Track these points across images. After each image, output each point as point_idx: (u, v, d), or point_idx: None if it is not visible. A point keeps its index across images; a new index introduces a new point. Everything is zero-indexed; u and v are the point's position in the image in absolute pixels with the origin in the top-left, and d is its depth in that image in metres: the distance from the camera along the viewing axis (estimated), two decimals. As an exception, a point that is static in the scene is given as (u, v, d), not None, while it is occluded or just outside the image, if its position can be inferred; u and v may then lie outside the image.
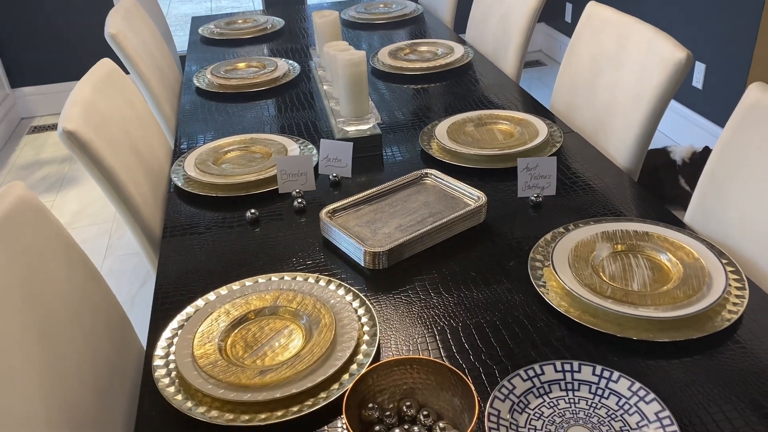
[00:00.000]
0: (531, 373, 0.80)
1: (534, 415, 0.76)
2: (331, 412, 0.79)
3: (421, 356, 0.76)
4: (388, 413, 0.74)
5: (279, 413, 0.77)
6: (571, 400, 0.77)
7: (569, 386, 0.79)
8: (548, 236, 1.07)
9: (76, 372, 0.87)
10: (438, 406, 0.75)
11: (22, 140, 3.43)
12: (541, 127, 1.42)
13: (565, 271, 0.97)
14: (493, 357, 0.86)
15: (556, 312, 0.92)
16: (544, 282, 0.97)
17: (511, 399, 0.77)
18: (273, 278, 1.00)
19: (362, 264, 1.03)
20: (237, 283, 1.00)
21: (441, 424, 0.72)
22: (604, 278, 0.96)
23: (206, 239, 1.15)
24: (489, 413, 0.74)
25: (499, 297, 0.97)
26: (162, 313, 0.97)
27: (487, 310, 0.94)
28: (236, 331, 0.90)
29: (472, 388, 0.70)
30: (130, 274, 2.32)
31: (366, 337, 0.88)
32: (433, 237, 1.07)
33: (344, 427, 0.77)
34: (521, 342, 0.88)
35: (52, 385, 0.81)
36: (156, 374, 0.84)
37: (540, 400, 0.78)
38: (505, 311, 0.94)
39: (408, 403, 0.75)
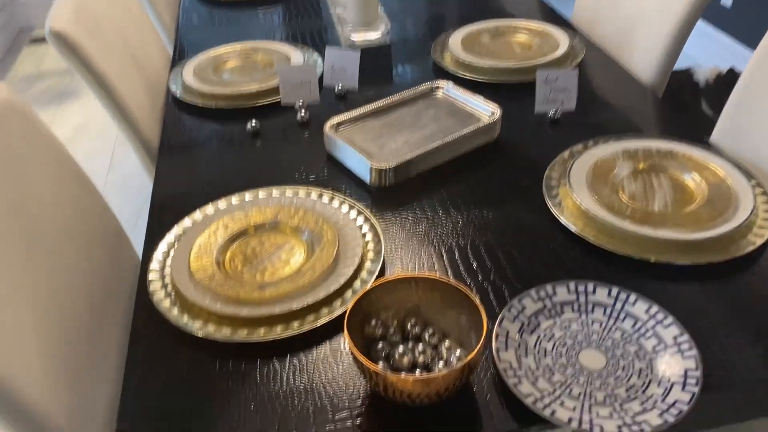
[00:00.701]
0: (543, 293, 0.76)
1: (544, 336, 0.72)
2: (332, 329, 0.76)
3: (426, 273, 0.72)
4: (392, 331, 0.71)
5: (279, 329, 0.74)
6: (584, 323, 0.74)
7: (583, 308, 0.75)
8: (566, 154, 1.01)
9: (67, 286, 0.84)
10: (444, 325, 0.72)
11: (21, 52, 3.33)
12: (562, 39, 1.33)
13: (583, 191, 0.92)
14: (502, 277, 0.82)
15: (570, 233, 0.87)
16: (560, 201, 0.92)
17: (521, 319, 0.73)
18: (274, 193, 0.96)
19: (368, 181, 0.98)
20: (236, 196, 0.95)
21: (447, 343, 0.69)
22: (624, 198, 0.91)
23: (205, 152, 1.10)
24: (497, 333, 0.71)
25: (511, 216, 0.92)
26: (158, 226, 0.93)
27: (497, 230, 0.89)
28: (235, 245, 0.87)
29: (479, 305, 0.67)
30: (134, 190, 2.29)
31: (370, 255, 0.84)
32: (443, 154, 1.01)
33: (346, 344, 0.74)
34: (533, 262, 0.84)
35: (42, 300, 0.78)
36: (151, 288, 0.80)
37: (551, 321, 0.74)
38: (517, 231, 0.89)
39: (413, 321, 0.72)
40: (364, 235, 0.87)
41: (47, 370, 0.72)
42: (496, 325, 0.72)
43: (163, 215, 0.95)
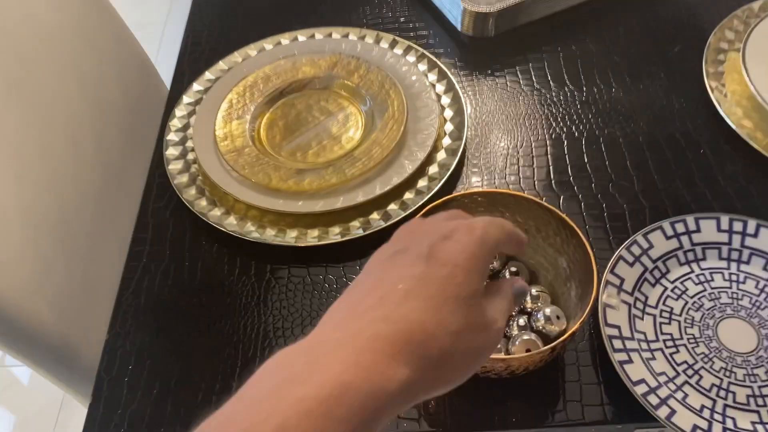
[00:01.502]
0: (680, 227, 0.54)
1: (672, 291, 0.52)
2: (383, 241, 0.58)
3: (514, 192, 0.51)
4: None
5: (314, 234, 0.57)
6: (734, 279, 0.53)
7: (735, 256, 0.53)
8: (743, 12, 0.71)
9: (66, 136, 0.68)
10: (534, 261, 0.52)
11: None
12: None
13: (763, 70, 0.64)
14: (624, 192, 0.60)
15: (732, 133, 0.62)
16: (723, 84, 0.66)
17: (643, 263, 0.53)
18: (334, 34, 0.73)
19: (459, 28, 0.73)
20: (286, 35, 0.74)
21: (534, 291, 0.50)
22: (822, 90, 0.63)
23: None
24: (606, 280, 0.51)
25: (650, 100, 0.67)
26: (190, 65, 0.74)
27: (627, 118, 0.65)
28: (276, 106, 0.67)
29: (588, 245, 0.47)
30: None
31: (447, 141, 0.63)
32: (566, -4, 0.74)
33: (400, 264, 0.56)
34: (671, 175, 0.60)
35: (31, 149, 0.63)
36: (167, 153, 0.64)
37: (685, 269, 0.53)
38: (655, 122, 0.65)
39: (491, 253, 0.52)
40: (442, 108, 0.66)
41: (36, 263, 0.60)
42: (607, 270, 0.52)
43: (196, 51, 0.75)
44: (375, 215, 0.58)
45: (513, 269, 0.52)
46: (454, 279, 0.29)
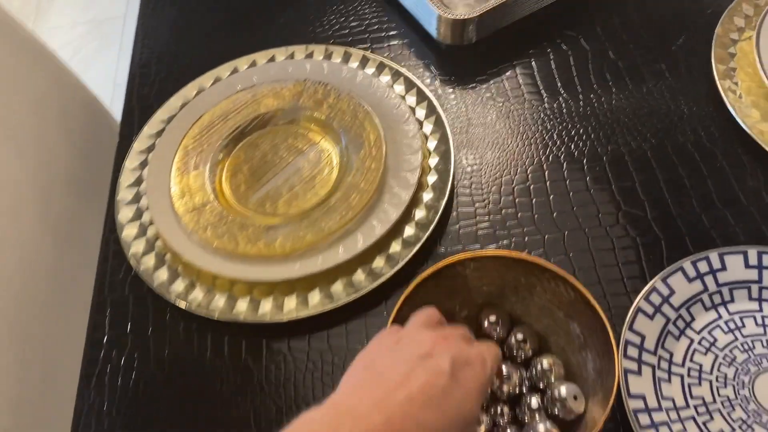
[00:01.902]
0: (703, 267, 0.48)
1: (700, 344, 0.46)
2: (370, 305, 0.52)
3: (511, 253, 0.45)
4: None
5: (292, 303, 0.51)
6: (767, 322, 0.47)
7: (766, 295, 0.47)
8: (752, -8, 0.64)
9: (2, 202, 0.61)
10: (543, 325, 0.46)
11: None
12: None
13: (780, 67, 0.57)
14: (635, 222, 0.53)
15: (751, 140, 0.55)
16: (737, 83, 0.58)
17: (665, 313, 0.47)
18: (297, 54, 0.65)
19: (435, 35, 0.65)
20: (243, 60, 0.65)
21: (545, 363, 0.44)
22: None
23: (206, -25, 0.77)
24: (626, 341, 0.45)
25: (655, 104, 0.59)
26: (139, 101, 0.66)
27: (631, 130, 0.58)
28: (238, 148, 0.60)
29: (603, 315, 0.41)
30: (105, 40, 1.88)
31: (432, 178, 0.56)
32: (553, -12, 0.65)
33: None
34: (685, 194, 0.54)
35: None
36: (119, 216, 0.57)
37: (711, 315, 0.47)
38: (662, 133, 0.58)
39: (492, 318, 0.46)
40: (425, 138, 0.58)
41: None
42: (625, 328, 0.46)
43: (144, 88, 0.67)
44: (360, 274, 0.52)
45: (519, 337, 0.45)
46: (467, 404, 0.34)
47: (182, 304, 0.51)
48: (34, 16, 2.00)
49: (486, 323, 0.46)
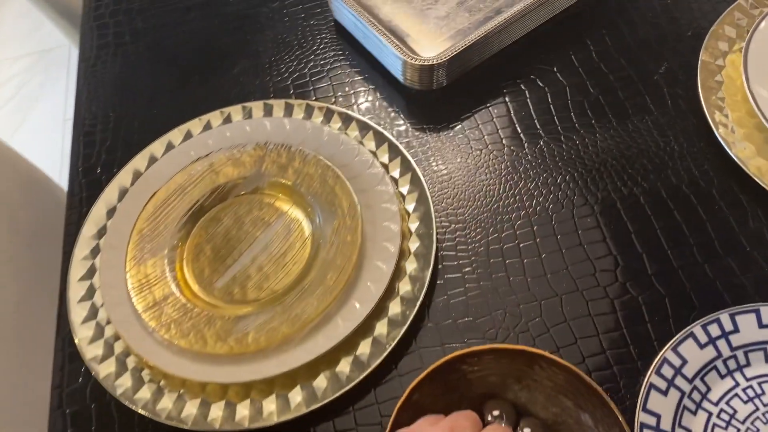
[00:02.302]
0: (714, 330, 0.44)
1: (719, 418, 0.43)
2: (358, 398, 0.47)
3: (518, 347, 0.41)
4: (459, 423, 0.42)
5: (272, 405, 0.46)
6: (788, 386, 0.43)
7: (783, 355, 0.44)
8: (738, 14, 0.60)
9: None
10: (551, 414, 0.42)
11: None
12: None
13: (771, 96, 0.54)
14: (636, 280, 0.49)
15: (746, 176, 0.52)
16: (727, 115, 0.55)
17: (679, 386, 0.43)
18: (255, 112, 0.60)
19: (402, 80, 0.60)
20: (197, 122, 0.60)
21: (558, 461, 0.40)
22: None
23: (144, 27, 0.71)
24: (642, 425, 0.41)
25: (642, 143, 0.56)
26: (85, 174, 0.60)
27: (620, 173, 0.54)
28: (198, 226, 0.54)
29: (613, 406, 0.37)
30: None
31: (414, 244, 0.51)
32: (524, 22, 0.61)
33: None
34: (685, 243, 0.50)
35: None
36: (72, 317, 0.51)
37: (728, 383, 0.44)
38: (653, 174, 0.54)
39: (496, 413, 0.42)
40: (402, 198, 0.54)
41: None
42: (638, 408, 0.42)
43: (88, 161, 0.61)
44: (344, 364, 0.47)
45: (527, 431, 0.41)
46: None
47: (151, 416, 0.46)
48: (-27, 51, 1.90)
49: (489, 417, 0.42)
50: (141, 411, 0.46)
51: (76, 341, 0.50)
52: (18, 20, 1.94)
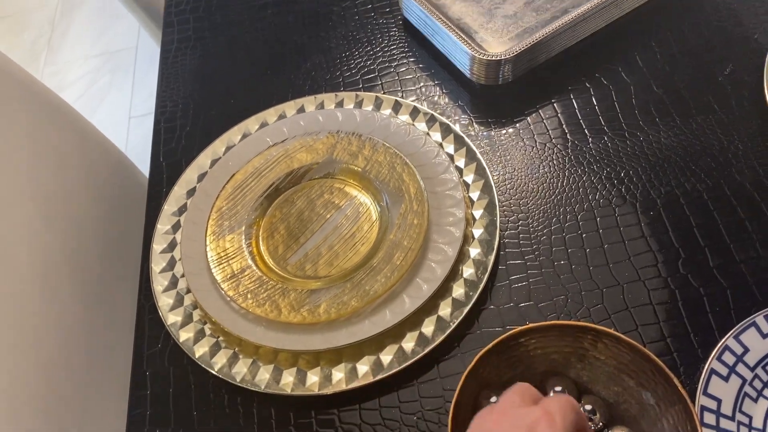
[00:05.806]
0: (777, 320, 0.45)
1: (781, 406, 0.43)
2: (422, 371, 0.49)
3: (569, 323, 0.42)
4: (522, 398, 0.44)
5: (340, 373, 0.48)
6: None
7: None
8: (800, 16, 0.61)
9: (32, 271, 0.59)
10: (611, 393, 0.43)
11: None
12: None
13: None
14: (697, 271, 0.50)
15: (813, 177, 0.52)
16: (793, 114, 0.55)
17: (740, 374, 0.44)
18: (327, 104, 0.63)
19: (468, 75, 0.63)
20: (272, 112, 0.63)
21: (618, 437, 0.41)
22: None
23: (222, 23, 0.75)
24: (702, 407, 0.42)
25: (706, 141, 0.57)
26: (166, 157, 0.64)
27: (684, 170, 0.55)
28: (273, 206, 0.58)
29: (678, 384, 0.38)
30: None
31: (478, 230, 0.53)
32: (590, 22, 0.63)
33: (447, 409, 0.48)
34: (747, 238, 0.51)
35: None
36: (155, 286, 0.55)
37: (790, 373, 0.44)
38: (717, 172, 0.55)
39: (558, 389, 0.44)
40: (467, 187, 0.56)
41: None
42: (699, 392, 0.43)
43: (169, 144, 0.65)
44: (409, 339, 0.49)
45: (588, 407, 0.43)
46: None
47: (227, 379, 0.49)
48: (45, 51, 2.00)
49: (552, 394, 0.43)
50: (217, 373, 0.49)
51: (158, 308, 0.53)
52: (88, 23, 2.04)
